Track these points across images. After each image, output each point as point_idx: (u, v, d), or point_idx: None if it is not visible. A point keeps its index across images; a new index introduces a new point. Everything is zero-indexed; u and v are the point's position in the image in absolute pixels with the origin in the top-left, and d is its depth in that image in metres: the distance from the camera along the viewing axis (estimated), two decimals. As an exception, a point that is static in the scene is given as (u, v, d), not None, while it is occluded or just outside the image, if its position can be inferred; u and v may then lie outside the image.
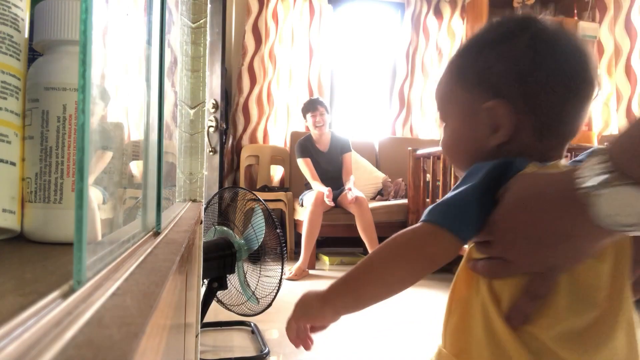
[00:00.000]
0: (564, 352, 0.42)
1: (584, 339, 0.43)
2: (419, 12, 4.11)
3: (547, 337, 0.42)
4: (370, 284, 0.49)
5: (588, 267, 0.43)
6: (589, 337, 0.43)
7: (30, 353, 0.16)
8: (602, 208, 0.36)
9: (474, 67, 0.52)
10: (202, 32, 1.06)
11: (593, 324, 0.43)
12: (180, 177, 1.07)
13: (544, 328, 0.43)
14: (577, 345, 0.42)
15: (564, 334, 0.42)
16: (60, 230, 0.37)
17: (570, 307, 0.43)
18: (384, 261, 0.49)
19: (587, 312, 0.43)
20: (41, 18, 0.38)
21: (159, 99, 0.49)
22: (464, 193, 0.46)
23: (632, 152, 0.35)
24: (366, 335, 1.79)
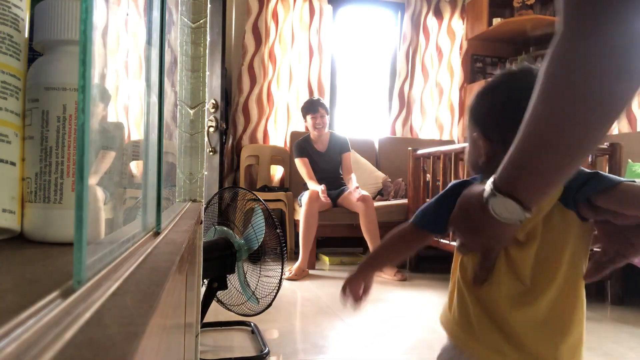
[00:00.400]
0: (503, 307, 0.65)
1: (517, 300, 0.64)
2: (419, 12, 4.11)
3: (494, 296, 0.65)
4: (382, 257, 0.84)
5: (518, 250, 0.64)
6: (521, 299, 0.64)
7: (30, 353, 0.16)
8: (493, 210, 0.57)
9: (475, 107, 0.74)
10: (202, 32, 1.06)
11: (524, 292, 0.64)
12: (180, 177, 1.07)
13: (492, 290, 0.65)
14: (513, 303, 0.64)
15: (504, 295, 0.65)
16: (60, 230, 0.37)
17: (507, 277, 0.65)
18: (386, 247, 0.82)
19: (518, 282, 0.64)
20: (41, 18, 0.38)
21: (159, 99, 0.49)
22: (433, 201, 0.74)
23: (501, 177, 0.56)
24: (366, 335, 1.80)
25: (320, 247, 3.39)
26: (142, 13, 0.50)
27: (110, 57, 0.40)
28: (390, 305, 2.23)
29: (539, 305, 0.64)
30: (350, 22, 4.17)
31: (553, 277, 0.64)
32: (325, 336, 1.75)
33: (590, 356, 1.60)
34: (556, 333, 0.65)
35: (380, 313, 2.11)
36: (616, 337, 1.83)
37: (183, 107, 1.06)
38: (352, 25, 4.18)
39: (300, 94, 3.89)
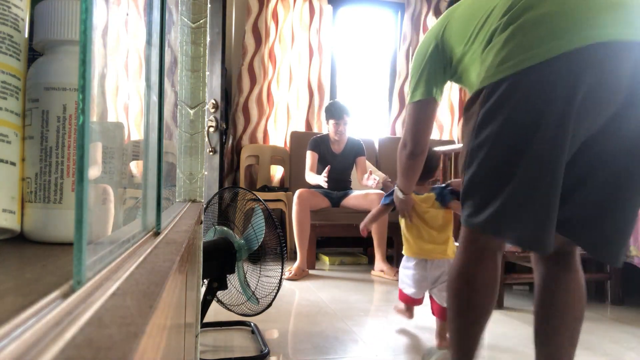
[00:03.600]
0: (413, 237, 1.70)
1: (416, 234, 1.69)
2: (419, 12, 4.11)
3: (409, 233, 1.69)
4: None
5: (420, 218, 1.68)
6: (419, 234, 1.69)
7: (30, 353, 0.16)
8: (397, 195, 1.63)
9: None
10: (202, 32, 1.06)
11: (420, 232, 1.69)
12: (180, 177, 1.07)
13: (410, 232, 1.70)
14: (417, 236, 1.69)
15: (414, 234, 1.70)
16: (60, 230, 0.37)
17: (415, 227, 1.68)
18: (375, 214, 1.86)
19: (421, 229, 1.68)
20: (41, 18, 0.38)
21: (159, 99, 0.49)
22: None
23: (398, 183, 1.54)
24: (366, 335, 1.79)
25: (320, 247, 3.39)
26: (142, 13, 0.50)
27: (110, 57, 0.40)
28: (390, 305, 2.24)
29: (428, 235, 1.67)
30: (350, 22, 4.17)
31: (435, 227, 1.67)
32: (325, 336, 1.75)
33: (590, 356, 1.60)
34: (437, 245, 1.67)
35: (380, 313, 2.11)
36: (616, 337, 1.83)
37: (183, 107, 1.06)
38: (352, 25, 4.18)
39: (300, 94, 3.89)
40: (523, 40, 0.86)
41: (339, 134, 3.12)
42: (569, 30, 0.82)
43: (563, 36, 0.82)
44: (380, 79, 4.24)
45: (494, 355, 1.61)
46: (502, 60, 0.88)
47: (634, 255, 2.25)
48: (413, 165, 1.32)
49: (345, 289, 2.56)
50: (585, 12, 0.82)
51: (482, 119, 0.93)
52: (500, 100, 0.89)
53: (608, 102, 0.86)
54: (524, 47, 0.85)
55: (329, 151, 3.16)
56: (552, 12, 0.84)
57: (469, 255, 1.01)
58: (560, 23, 0.83)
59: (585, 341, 1.75)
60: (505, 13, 0.90)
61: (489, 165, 0.94)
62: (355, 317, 2.01)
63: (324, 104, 3.94)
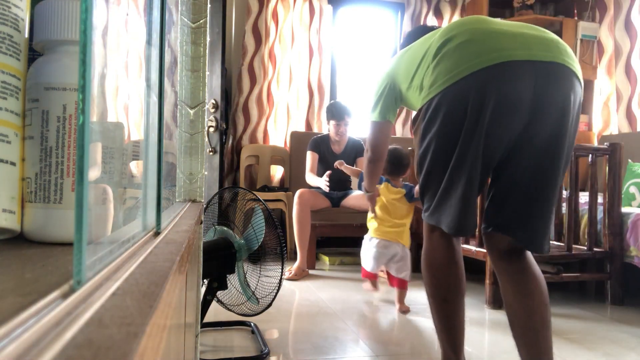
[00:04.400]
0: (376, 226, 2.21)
1: (381, 224, 2.19)
2: (419, 12, 4.11)
3: (374, 223, 2.21)
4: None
5: (385, 209, 2.18)
6: (383, 223, 2.18)
7: (30, 353, 0.16)
8: (365, 192, 2.02)
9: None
10: (202, 32, 1.06)
11: (384, 221, 2.19)
12: (180, 177, 1.07)
13: (379, 217, 2.19)
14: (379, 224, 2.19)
15: (378, 223, 2.20)
16: (60, 230, 0.37)
17: (381, 217, 2.19)
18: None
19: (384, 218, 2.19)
20: (41, 18, 0.38)
21: (159, 99, 0.49)
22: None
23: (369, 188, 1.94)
24: (366, 335, 1.79)
25: (320, 247, 3.39)
26: (142, 13, 0.50)
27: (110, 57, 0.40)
28: (389, 305, 2.24)
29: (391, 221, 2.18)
30: (350, 22, 4.17)
31: (397, 216, 2.17)
32: (325, 336, 1.75)
33: (590, 356, 1.60)
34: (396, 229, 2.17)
35: (379, 313, 2.11)
36: (616, 337, 1.83)
37: (183, 107, 1.06)
38: (352, 25, 4.18)
39: (300, 94, 3.89)
40: (445, 66, 1.10)
41: (339, 135, 3.12)
42: (478, 54, 1.05)
43: (473, 59, 1.05)
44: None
45: (494, 355, 1.61)
46: (431, 83, 1.13)
47: (634, 255, 2.25)
48: (373, 169, 1.66)
49: (345, 289, 2.56)
50: (489, 40, 1.07)
51: (422, 132, 1.17)
52: (432, 114, 1.12)
53: (515, 109, 1.05)
54: (446, 71, 1.09)
55: (329, 151, 3.16)
56: (465, 42, 1.09)
57: (428, 243, 1.24)
58: (471, 49, 1.07)
59: (585, 341, 1.75)
60: (437, 51, 1.13)
61: (429, 169, 1.18)
62: (355, 317, 2.01)
63: (324, 104, 3.93)
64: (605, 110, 3.84)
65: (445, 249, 1.21)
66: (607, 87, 3.80)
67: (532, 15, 3.77)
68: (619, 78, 3.69)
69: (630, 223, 2.28)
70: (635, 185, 2.83)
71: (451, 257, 1.21)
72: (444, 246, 1.21)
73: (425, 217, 1.23)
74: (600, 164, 2.62)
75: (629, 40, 3.63)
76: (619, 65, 3.69)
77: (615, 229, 2.32)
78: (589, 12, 3.90)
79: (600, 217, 2.39)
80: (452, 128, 1.10)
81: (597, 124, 3.87)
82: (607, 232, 2.34)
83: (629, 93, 3.65)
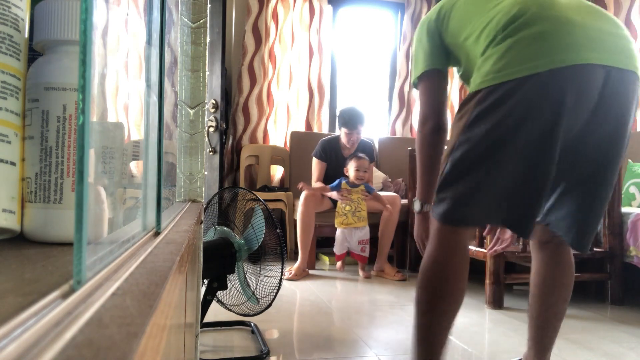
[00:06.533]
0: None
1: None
2: (419, 12, 4.11)
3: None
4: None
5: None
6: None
7: (30, 353, 0.16)
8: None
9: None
10: (202, 32, 1.06)
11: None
12: (180, 177, 1.07)
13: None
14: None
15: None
16: (60, 230, 0.37)
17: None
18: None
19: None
20: (41, 18, 0.38)
21: (159, 99, 0.49)
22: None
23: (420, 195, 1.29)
24: (366, 335, 1.80)
25: (320, 247, 3.39)
26: (142, 13, 0.50)
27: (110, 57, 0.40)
28: (389, 305, 2.24)
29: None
30: (350, 22, 4.17)
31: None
32: (325, 336, 1.75)
33: (590, 356, 1.60)
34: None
35: (379, 313, 2.11)
36: (616, 337, 1.83)
37: (183, 107, 1.06)
38: (352, 25, 4.18)
39: (300, 94, 3.89)
40: (520, 53, 0.99)
41: (351, 143, 3.02)
42: (559, 50, 0.98)
43: (553, 54, 0.98)
44: (380, 79, 4.24)
45: (494, 355, 1.61)
46: (500, 68, 1.00)
47: (634, 255, 2.25)
48: (438, 144, 1.23)
49: (345, 289, 2.56)
50: (568, 35, 0.99)
51: (475, 118, 1.03)
52: (495, 103, 1.00)
53: (582, 114, 1.02)
54: (520, 59, 0.99)
55: (339, 155, 3.07)
56: (545, 32, 0.99)
57: (444, 247, 1.08)
58: (552, 42, 0.99)
59: (585, 341, 1.75)
60: (506, 26, 1.02)
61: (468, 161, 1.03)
62: (355, 317, 2.01)
63: (324, 104, 3.94)
64: (605, 110, 3.83)
65: (461, 256, 1.09)
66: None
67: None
68: (619, 78, 3.69)
69: (630, 223, 2.28)
70: (635, 185, 2.83)
71: (464, 267, 1.09)
72: (461, 253, 1.09)
73: (444, 217, 1.06)
74: (600, 164, 2.61)
75: (629, 40, 3.63)
76: (619, 65, 3.68)
77: (615, 229, 2.32)
78: (589, 12, 3.90)
79: (600, 217, 2.39)
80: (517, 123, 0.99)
81: (597, 124, 3.87)
82: (607, 232, 2.34)
83: (629, 93, 3.64)
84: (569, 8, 1.03)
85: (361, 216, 2.87)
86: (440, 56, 1.22)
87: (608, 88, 1.01)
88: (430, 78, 1.23)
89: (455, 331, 1.83)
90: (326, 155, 3.07)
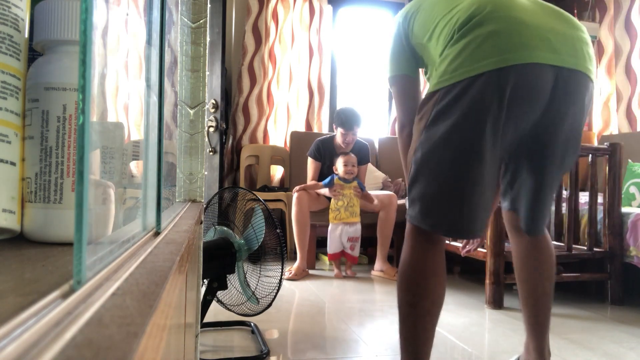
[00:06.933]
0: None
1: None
2: (419, 12, 4.11)
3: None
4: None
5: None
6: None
7: (30, 353, 0.16)
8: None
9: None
10: (202, 32, 1.06)
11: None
12: (180, 177, 1.07)
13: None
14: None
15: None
16: (60, 230, 0.37)
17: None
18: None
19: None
20: (41, 18, 0.38)
21: (159, 99, 0.49)
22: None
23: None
24: (366, 335, 1.80)
25: (320, 247, 3.39)
26: (142, 13, 0.50)
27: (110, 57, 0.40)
28: (390, 305, 2.24)
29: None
30: (350, 22, 4.17)
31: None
32: (325, 336, 1.75)
33: (590, 356, 1.60)
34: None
35: (379, 312, 2.11)
36: (616, 337, 1.83)
37: (183, 107, 1.06)
38: (352, 25, 4.18)
39: (300, 94, 3.89)
40: (473, 53, 1.04)
41: (346, 144, 3.01)
42: (508, 49, 1.03)
43: (502, 54, 1.02)
44: (380, 79, 4.24)
45: (494, 355, 1.61)
46: (454, 68, 1.05)
47: (634, 255, 2.25)
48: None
49: (345, 289, 2.56)
50: (520, 35, 1.04)
51: (433, 118, 1.07)
52: (451, 102, 1.05)
53: (534, 111, 1.07)
54: (472, 59, 1.03)
55: (334, 155, 3.07)
56: (496, 31, 1.04)
57: (416, 247, 1.12)
58: (502, 41, 1.03)
59: (585, 341, 1.75)
60: (461, 27, 1.06)
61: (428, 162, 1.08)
62: (355, 317, 2.01)
63: (324, 104, 3.94)
64: (605, 111, 3.83)
65: (438, 254, 1.13)
66: (607, 87, 3.79)
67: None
68: (619, 78, 3.69)
69: (630, 223, 2.28)
70: (635, 185, 2.83)
71: (441, 264, 1.13)
72: (436, 250, 1.13)
73: (415, 219, 1.10)
74: (600, 164, 2.62)
75: (629, 40, 3.63)
76: (619, 66, 3.69)
77: (615, 229, 2.32)
78: (589, 12, 3.90)
79: (600, 217, 2.39)
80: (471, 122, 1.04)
81: (597, 124, 3.87)
82: (607, 232, 2.34)
83: (629, 93, 3.65)
84: (524, 9, 1.08)
85: (354, 211, 2.87)
86: (408, 61, 1.26)
87: (559, 87, 1.06)
88: (399, 83, 1.28)
89: (455, 331, 1.84)
90: (321, 155, 3.08)
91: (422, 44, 1.18)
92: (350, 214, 2.87)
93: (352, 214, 2.88)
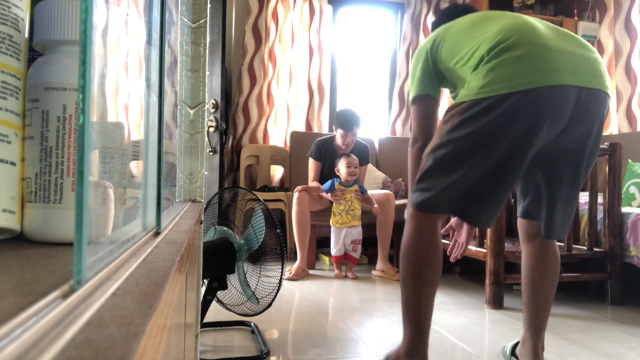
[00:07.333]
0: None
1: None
2: (419, 12, 4.11)
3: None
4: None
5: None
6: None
7: (30, 353, 0.16)
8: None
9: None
10: (202, 32, 1.06)
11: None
12: (180, 177, 1.07)
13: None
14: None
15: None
16: (60, 230, 0.37)
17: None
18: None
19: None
20: (41, 18, 0.38)
21: (159, 99, 0.49)
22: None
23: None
24: (366, 334, 1.79)
25: (320, 247, 3.39)
26: (142, 13, 0.50)
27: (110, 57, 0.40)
28: (389, 305, 2.24)
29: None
30: (350, 22, 4.17)
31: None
32: (325, 336, 1.75)
33: (590, 356, 1.60)
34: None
35: (379, 312, 2.11)
36: (616, 337, 1.83)
37: (183, 107, 1.06)
38: (352, 25, 4.18)
39: (300, 94, 3.89)
40: (502, 73, 1.16)
41: (345, 145, 3.01)
42: (535, 72, 1.14)
43: (530, 76, 1.14)
44: (380, 79, 4.24)
45: (494, 355, 1.61)
46: (484, 84, 1.17)
47: (634, 255, 2.25)
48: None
49: (345, 289, 2.56)
50: (546, 61, 1.15)
51: (457, 124, 1.20)
52: (477, 114, 1.17)
53: (556, 127, 1.19)
54: (502, 79, 1.15)
55: (334, 155, 3.07)
56: (524, 55, 1.15)
57: (419, 225, 1.27)
58: (529, 65, 1.15)
59: (585, 341, 1.75)
60: (491, 50, 1.18)
61: (446, 159, 1.22)
62: (355, 317, 2.01)
63: (324, 104, 3.94)
64: (605, 110, 3.83)
65: (436, 234, 1.28)
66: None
67: (532, 15, 3.77)
68: (619, 78, 3.69)
69: (630, 223, 2.28)
70: (635, 185, 2.83)
71: (439, 242, 1.28)
72: (435, 231, 1.28)
73: (420, 204, 1.25)
74: (600, 164, 2.62)
75: (629, 40, 3.63)
76: (619, 66, 3.69)
77: (615, 229, 2.32)
78: (589, 12, 3.90)
79: (600, 217, 2.39)
80: (492, 134, 1.17)
81: (597, 124, 3.87)
82: (607, 232, 2.34)
83: (629, 93, 3.65)
84: (546, 35, 1.20)
85: (355, 215, 2.89)
86: (432, 82, 1.40)
87: (580, 105, 1.17)
88: (422, 102, 1.42)
89: (455, 331, 1.84)
90: (321, 155, 3.08)
91: (449, 67, 1.31)
92: (352, 217, 2.89)
93: (353, 217, 2.89)
